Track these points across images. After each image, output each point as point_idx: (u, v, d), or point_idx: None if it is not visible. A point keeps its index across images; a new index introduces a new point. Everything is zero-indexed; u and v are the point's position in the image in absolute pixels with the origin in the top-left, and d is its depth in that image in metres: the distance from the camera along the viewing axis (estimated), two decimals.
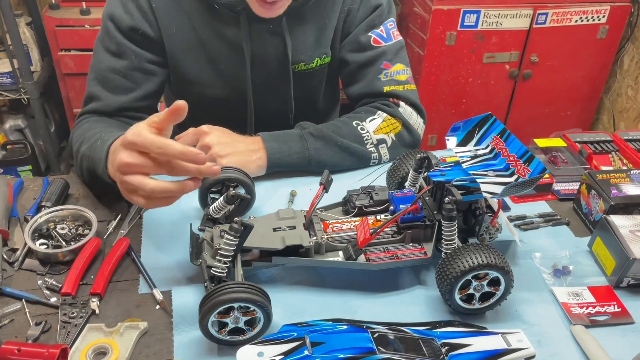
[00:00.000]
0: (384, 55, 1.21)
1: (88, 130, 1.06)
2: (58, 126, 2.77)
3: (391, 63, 1.22)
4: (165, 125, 0.78)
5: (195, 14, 1.13)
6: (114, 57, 1.13)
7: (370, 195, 0.94)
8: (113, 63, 1.13)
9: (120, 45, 1.12)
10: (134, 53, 1.13)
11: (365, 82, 1.22)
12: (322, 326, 0.74)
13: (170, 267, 0.90)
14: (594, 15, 2.36)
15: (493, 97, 2.52)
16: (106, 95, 1.13)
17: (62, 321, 0.80)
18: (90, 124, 1.10)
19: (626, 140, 1.22)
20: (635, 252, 0.86)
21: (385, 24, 1.22)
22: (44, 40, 2.46)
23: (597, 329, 0.83)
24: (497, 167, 0.87)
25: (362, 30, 1.21)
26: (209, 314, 0.73)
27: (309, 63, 1.22)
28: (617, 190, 0.99)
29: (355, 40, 1.22)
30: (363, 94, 1.24)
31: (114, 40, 1.12)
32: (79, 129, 1.10)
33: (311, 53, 1.21)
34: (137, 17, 1.11)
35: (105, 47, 1.13)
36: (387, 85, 1.21)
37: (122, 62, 1.13)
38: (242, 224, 0.79)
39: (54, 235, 0.93)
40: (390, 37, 1.23)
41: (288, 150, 1.10)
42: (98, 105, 1.13)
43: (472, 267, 0.78)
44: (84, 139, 1.04)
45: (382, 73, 1.21)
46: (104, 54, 1.13)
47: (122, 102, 1.14)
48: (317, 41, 1.20)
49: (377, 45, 1.21)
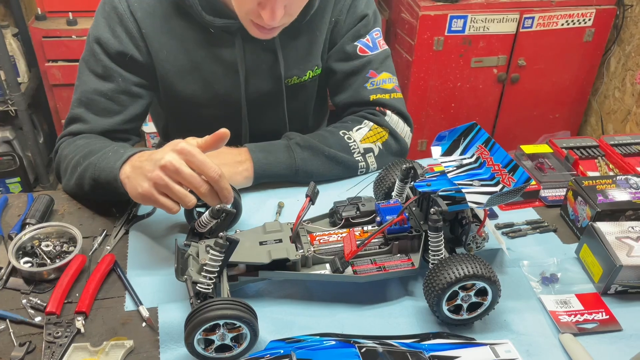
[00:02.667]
0: (370, 65, 1.22)
1: (88, 145, 1.05)
2: (47, 137, 2.75)
3: (377, 72, 1.22)
4: (206, 150, 0.86)
5: (188, 37, 1.12)
6: (100, 80, 1.11)
7: (356, 207, 0.94)
8: (99, 86, 1.11)
9: (107, 69, 1.10)
10: (121, 76, 1.11)
11: (352, 90, 1.23)
12: (309, 342, 0.73)
13: (156, 283, 0.89)
14: (580, 19, 2.38)
15: (482, 101, 2.52)
16: (91, 117, 1.11)
17: (47, 341, 0.79)
18: (86, 139, 1.09)
19: (612, 145, 1.23)
20: (622, 259, 0.87)
21: (371, 34, 1.23)
22: (31, 51, 2.45)
23: (586, 337, 0.83)
24: (482, 176, 0.87)
25: (349, 40, 1.21)
26: (194, 331, 0.72)
27: (301, 76, 1.22)
28: (604, 197, 0.99)
29: (342, 50, 1.22)
30: (350, 103, 1.24)
31: (100, 63, 1.10)
32: (71, 145, 1.09)
33: (303, 66, 1.21)
34: (126, 42, 1.10)
35: (90, 69, 1.11)
36: (373, 93, 1.21)
37: (108, 85, 1.11)
38: (227, 239, 0.78)
39: (39, 253, 0.92)
40: (377, 46, 1.23)
41: (275, 160, 1.10)
42: (83, 127, 1.11)
43: (458, 278, 0.78)
44: (86, 152, 1.03)
45: (369, 82, 1.22)
46: (88, 76, 1.12)
47: (108, 124, 1.12)
48: (308, 54, 1.20)
49: (363, 54, 1.21)
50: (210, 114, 1.21)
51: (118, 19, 1.09)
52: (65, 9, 2.36)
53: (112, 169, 0.94)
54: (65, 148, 1.11)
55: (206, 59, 1.14)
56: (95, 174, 0.98)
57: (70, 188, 1.08)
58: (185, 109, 1.23)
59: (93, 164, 0.99)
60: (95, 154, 1.01)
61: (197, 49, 1.13)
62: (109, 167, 0.95)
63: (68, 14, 2.35)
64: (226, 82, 1.17)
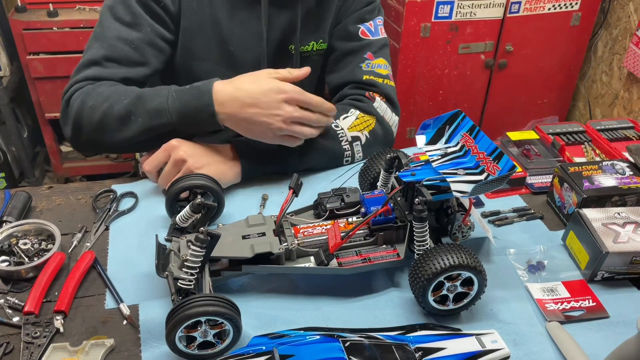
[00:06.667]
0: (369, 47, 1.24)
1: (129, 90, 1.04)
2: (31, 131, 2.71)
3: (374, 55, 1.25)
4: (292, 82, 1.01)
5: None
6: (127, 27, 1.09)
7: (341, 198, 0.93)
8: (124, 33, 1.09)
9: (137, 16, 1.09)
10: (150, 26, 1.10)
11: (347, 69, 1.25)
12: (293, 337, 0.72)
13: (138, 280, 0.88)
14: (566, 3, 2.36)
15: (469, 87, 2.51)
16: (111, 64, 1.09)
17: (25, 342, 0.77)
18: (114, 86, 1.06)
19: (598, 130, 1.22)
20: (608, 246, 0.86)
21: (374, 20, 1.26)
22: (12, 44, 2.39)
23: (573, 325, 0.83)
24: (467, 165, 0.86)
25: (352, 21, 1.25)
26: (175, 329, 0.71)
27: (305, 45, 1.24)
28: (589, 183, 0.98)
29: (345, 29, 1.25)
30: (343, 83, 1.25)
31: (129, 9, 1.09)
32: (96, 94, 1.04)
33: (314, 36, 1.24)
34: None
35: (116, 15, 1.09)
36: (367, 74, 1.23)
37: (135, 34, 1.09)
38: (208, 233, 0.77)
39: (16, 251, 0.90)
40: (378, 32, 1.26)
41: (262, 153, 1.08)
42: (102, 72, 1.08)
43: (443, 268, 0.77)
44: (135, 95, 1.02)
45: (364, 62, 1.24)
46: (113, 23, 1.09)
47: (128, 74, 1.10)
48: (319, 25, 1.24)
49: (364, 37, 1.25)
50: (221, 74, 1.17)
51: None
52: (45, 1, 2.31)
53: (204, 107, 0.99)
54: (89, 96, 1.05)
55: (227, 18, 1.16)
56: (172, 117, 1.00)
57: (118, 141, 1.04)
58: (196, 68, 1.21)
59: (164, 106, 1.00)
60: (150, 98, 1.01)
61: (220, 6, 1.15)
62: (197, 106, 1.00)
63: (49, 6, 2.30)
64: (241, 43, 1.19)
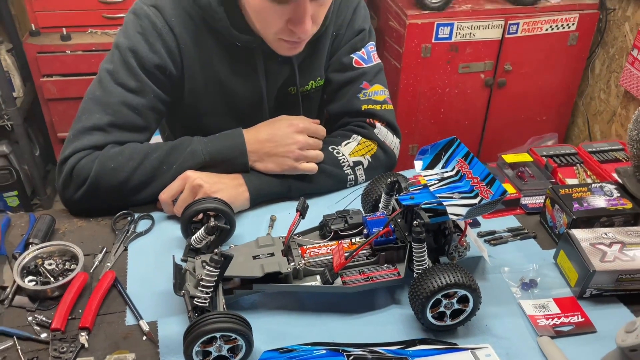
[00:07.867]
0: (364, 76, 1.28)
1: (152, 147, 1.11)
2: (43, 150, 2.79)
3: (370, 83, 1.28)
4: None
5: (215, 52, 1.17)
6: (131, 94, 1.11)
7: (345, 219, 0.99)
8: (129, 99, 1.11)
9: (143, 84, 1.11)
10: (153, 92, 1.13)
11: (345, 100, 1.28)
12: (301, 351, 0.78)
13: (156, 298, 0.94)
14: (563, 23, 2.43)
15: (470, 105, 2.57)
16: (115, 129, 1.10)
17: (53, 356, 0.83)
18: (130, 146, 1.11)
19: (590, 152, 1.28)
20: (595, 265, 0.92)
21: (366, 47, 1.30)
22: (26, 66, 2.48)
23: (562, 339, 0.88)
24: (462, 189, 0.92)
25: (346, 52, 1.28)
26: (192, 344, 0.77)
27: (304, 85, 1.29)
28: (579, 205, 1.04)
29: (339, 61, 1.29)
30: (343, 112, 1.30)
31: (134, 77, 1.11)
32: (112, 155, 1.08)
33: (312, 77, 1.29)
34: (164, 57, 1.12)
35: (118, 80, 1.10)
36: (365, 104, 1.27)
37: (139, 100, 1.12)
38: (221, 254, 0.83)
39: (42, 272, 0.97)
40: (371, 59, 1.30)
41: (267, 180, 1.15)
42: (106, 139, 1.10)
43: (440, 287, 0.83)
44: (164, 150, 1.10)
45: (361, 92, 1.27)
46: (116, 88, 1.10)
47: (130, 139, 1.12)
48: (315, 66, 1.28)
49: (358, 66, 1.28)
50: (228, 127, 1.22)
51: (157, 34, 1.11)
52: (58, 25, 2.40)
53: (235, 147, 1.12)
54: (107, 159, 1.07)
55: (229, 74, 1.20)
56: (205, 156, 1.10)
57: (143, 198, 1.11)
58: (203, 122, 1.27)
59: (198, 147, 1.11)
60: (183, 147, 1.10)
61: (221, 64, 1.19)
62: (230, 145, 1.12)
63: (62, 30, 2.39)
64: (245, 96, 1.24)
